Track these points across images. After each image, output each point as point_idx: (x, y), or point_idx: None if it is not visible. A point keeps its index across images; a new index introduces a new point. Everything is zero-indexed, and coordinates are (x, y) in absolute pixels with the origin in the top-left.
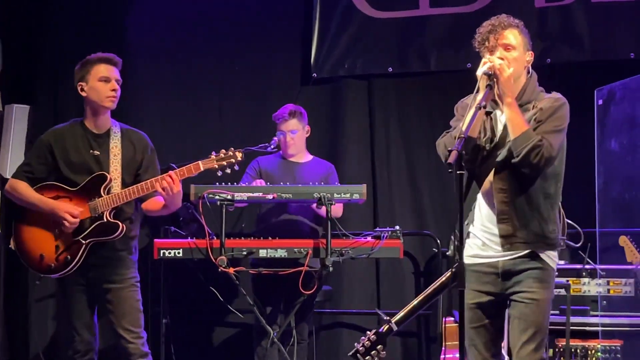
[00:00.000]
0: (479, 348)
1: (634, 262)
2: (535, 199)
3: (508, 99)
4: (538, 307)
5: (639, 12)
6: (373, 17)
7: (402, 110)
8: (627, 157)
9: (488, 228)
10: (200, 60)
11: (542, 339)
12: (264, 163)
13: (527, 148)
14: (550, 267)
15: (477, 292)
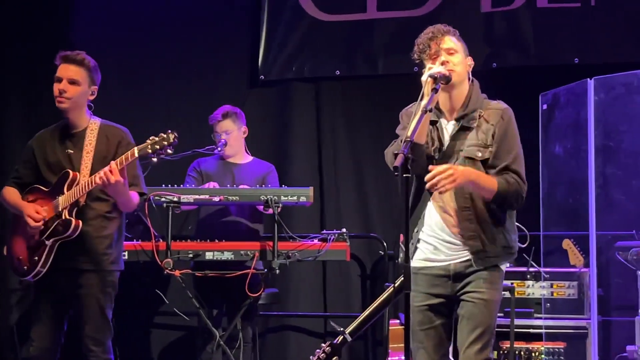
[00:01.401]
0: (428, 350)
1: (577, 265)
2: (497, 213)
3: (472, 179)
4: (486, 307)
5: (584, 17)
6: (321, 20)
7: (349, 113)
8: (571, 162)
9: (438, 235)
10: (147, 62)
11: (489, 339)
12: (203, 164)
13: (512, 205)
14: (500, 270)
15: (427, 295)
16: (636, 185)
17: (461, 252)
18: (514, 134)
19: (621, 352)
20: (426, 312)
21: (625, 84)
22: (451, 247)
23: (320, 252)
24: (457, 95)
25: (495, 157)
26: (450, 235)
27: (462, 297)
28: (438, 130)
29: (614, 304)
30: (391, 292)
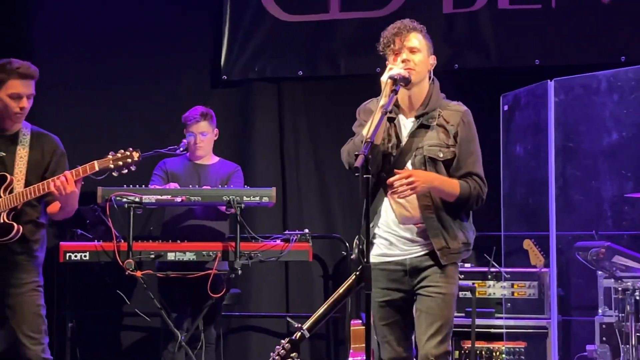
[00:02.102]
0: (392, 344)
1: (537, 265)
2: (456, 211)
3: (434, 186)
4: (444, 300)
5: (544, 18)
6: (283, 20)
7: (311, 113)
8: (531, 162)
9: (394, 231)
10: (109, 61)
11: (448, 332)
12: (170, 164)
13: (472, 207)
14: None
15: (386, 290)
16: (595, 186)
17: (416, 247)
18: (475, 136)
19: (581, 352)
20: (386, 307)
21: (585, 86)
22: (407, 243)
23: (283, 252)
24: (417, 93)
25: (459, 161)
26: (407, 231)
27: (419, 292)
28: (396, 127)
29: (574, 304)
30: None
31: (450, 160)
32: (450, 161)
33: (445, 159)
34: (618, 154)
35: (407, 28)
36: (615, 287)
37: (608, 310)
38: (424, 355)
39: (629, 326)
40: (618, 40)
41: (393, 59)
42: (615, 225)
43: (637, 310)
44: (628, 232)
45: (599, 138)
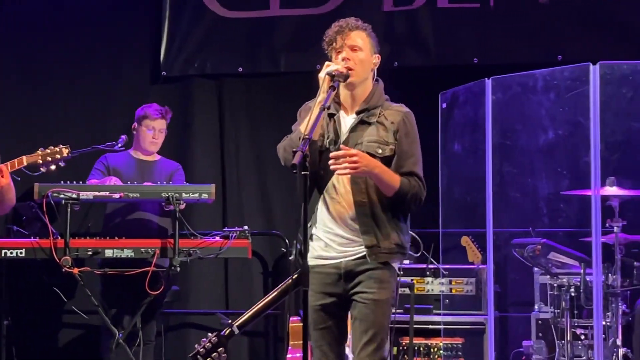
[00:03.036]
0: (324, 349)
1: (475, 262)
2: (393, 211)
3: (375, 173)
4: (378, 307)
5: (483, 17)
6: (223, 16)
7: (252, 110)
8: (469, 160)
9: (330, 229)
10: (47, 56)
11: (383, 339)
12: (112, 160)
13: (409, 206)
14: (392, 267)
15: (321, 294)
16: (532, 183)
17: (352, 249)
18: (416, 138)
19: (517, 348)
20: (320, 312)
21: (522, 84)
22: (342, 243)
23: (222, 249)
24: (360, 92)
25: (399, 161)
26: (343, 229)
27: (353, 297)
28: (335, 122)
29: (511, 300)
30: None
31: (388, 158)
32: (388, 159)
33: (384, 156)
34: (554, 152)
35: (350, 26)
36: (551, 283)
37: (544, 307)
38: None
39: (564, 322)
40: (555, 39)
41: (335, 57)
42: (551, 223)
43: (572, 307)
44: (563, 229)
45: (535, 136)
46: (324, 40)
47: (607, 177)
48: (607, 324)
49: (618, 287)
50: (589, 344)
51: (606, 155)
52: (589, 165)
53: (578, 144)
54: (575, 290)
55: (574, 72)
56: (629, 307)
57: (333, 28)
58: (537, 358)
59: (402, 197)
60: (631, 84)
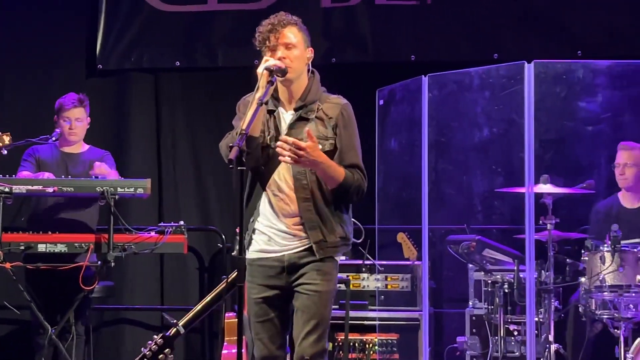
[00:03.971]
0: (265, 342)
1: (410, 258)
2: (336, 204)
3: (320, 167)
4: (320, 299)
5: (420, 15)
6: (161, 10)
7: (189, 105)
8: (405, 157)
9: (274, 224)
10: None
11: (325, 330)
12: (40, 152)
13: (352, 198)
14: (335, 260)
15: (263, 287)
16: (467, 181)
17: (295, 242)
18: (355, 130)
19: (452, 343)
20: (262, 304)
21: (458, 82)
22: (286, 237)
23: (157, 244)
24: (296, 87)
25: (340, 153)
26: (286, 224)
27: (296, 289)
28: (276, 119)
29: (446, 296)
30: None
31: (329, 153)
32: (329, 153)
33: (324, 151)
34: (489, 150)
35: (281, 23)
36: (485, 279)
37: (478, 303)
38: (299, 353)
39: (497, 318)
40: (491, 37)
41: (270, 55)
42: (486, 220)
43: (506, 303)
44: (497, 226)
45: (470, 134)
46: (256, 38)
47: (541, 174)
48: (539, 320)
49: (551, 284)
50: (521, 340)
51: (540, 153)
52: (523, 163)
53: (512, 141)
54: (508, 287)
55: (509, 71)
56: (561, 303)
57: (265, 26)
58: (470, 354)
59: (346, 190)
60: (565, 82)
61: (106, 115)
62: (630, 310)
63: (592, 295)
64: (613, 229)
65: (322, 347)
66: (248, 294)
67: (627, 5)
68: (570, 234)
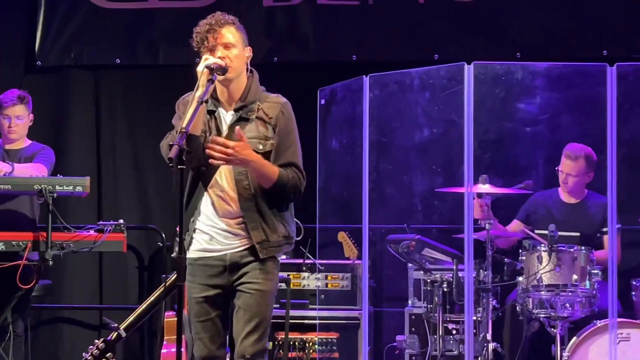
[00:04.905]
0: (205, 341)
1: (351, 257)
2: (277, 203)
3: (251, 165)
4: (262, 298)
5: (362, 15)
6: (101, 7)
7: (129, 102)
8: (346, 156)
9: (215, 224)
10: None
11: (266, 329)
12: None
13: (289, 196)
14: (276, 260)
15: (204, 286)
16: (407, 180)
17: (237, 242)
18: (294, 128)
19: (391, 342)
20: (203, 303)
21: (399, 82)
22: (227, 236)
23: (96, 243)
24: (236, 87)
25: (277, 152)
26: (228, 224)
27: (238, 288)
28: (216, 119)
29: (386, 295)
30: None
31: (269, 153)
32: (269, 154)
33: (265, 151)
34: (429, 150)
35: (219, 23)
36: (425, 279)
37: (417, 302)
38: (240, 353)
39: (436, 317)
40: (432, 38)
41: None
42: (425, 219)
43: (445, 302)
44: (437, 226)
45: (411, 134)
46: (193, 38)
47: (480, 175)
48: (478, 319)
49: (489, 283)
50: (460, 339)
51: (479, 153)
52: (462, 163)
53: (452, 142)
54: (447, 286)
55: (449, 71)
56: (499, 302)
57: (202, 26)
58: (409, 352)
59: (281, 188)
60: (504, 84)
61: (45, 112)
62: (567, 309)
63: (530, 295)
64: (550, 229)
65: (262, 347)
66: (189, 293)
67: (566, 8)
68: (509, 233)
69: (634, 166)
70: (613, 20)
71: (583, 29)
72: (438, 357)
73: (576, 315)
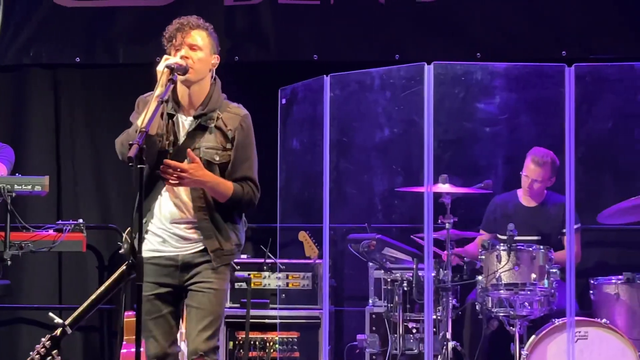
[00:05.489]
0: (158, 338)
1: (312, 257)
2: (229, 212)
3: (207, 186)
4: (215, 296)
5: (323, 14)
6: (61, 5)
7: (89, 101)
8: (307, 156)
9: (168, 228)
10: None
11: (218, 327)
12: None
13: (243, 209)
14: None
15: (155, 284)
16: (367, 180)
17: (190, 245)
18: (252, 141)
19: (352, 341)
20: (154, 301)
21: (359, 82)
22: (180, 240)
23: (55, 242)
24: (197, 92)
25: (234, 165)
26: (181, 229)
27: (190, 288)
28: (175, 124)
29: (346, 295)
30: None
31: (226, 164)
32: (226, 164)
33: (221, 162)
34: (389, 150)
35: (190, 25)
36: (385, 278)
37: (378, 301)
38: (192, 350)
39: (397, 316)
40: (393, 38)
41: (173, 55)
42: (386, 218)
43: (405, 301)
44: (397, 225)
45: (371, 134)
46: (163, 36)
47: (440, 174)
48: (437, 317)
49: (449, 282)
50: (420, 337)
51: (439, 153)
52: (422, 163)
53: (412, 142)
54: (407, 285)
55: (409, 72)
56: (459, 301)
57: (174, 25)
58: (370, 351)
59: (236, 203)
60: (463, 84)
61: (4, 111)
62: (526, 308)
63: (489, 294)
64: (509, 228)
65: (215, 344)
66: None
67: (525, 10)
68: (468, 232)
69: (591, 166)
70: (571, 22)
71: (542, 30)
72: (398, 355)
73: (535, 314)
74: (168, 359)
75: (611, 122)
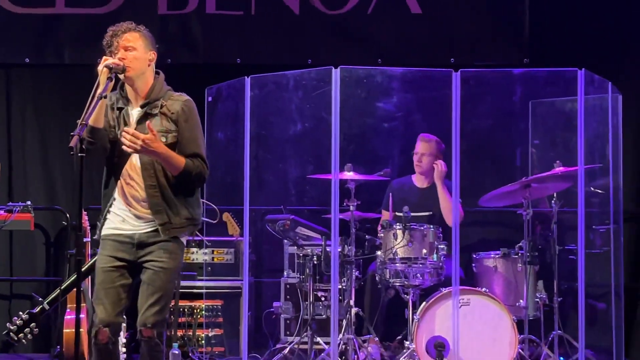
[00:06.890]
0: (106, 306)
1: (234, 235)
2: (182, 190)
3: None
4: (165, 274)
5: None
6: (12, 11)
7: (39, 97)
8: (230, 147)
9: (126, 209)
10: None
11: (167, 303)
12: None
13: (194, 183)
14: (181, 242)
15: (112, 258)
16: (283, 168)
17: (145, 224)
18: (197, 123)
19: (269, 308)
20: (109, 272)
21: (276, 83)
22: (136, 219)
23: (6, 222)
24: (141, 85)
25: (182, 144)
26: (137, 209)
27: (144, 265)
28: (124, 116)
29: (264, 268)
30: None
31: (173, 145)
32: (173, 145)
33: (169, 143)
34: (301, 142)
35: (122, 29)
36: (298, 253)
37: (292, 273)
38: (142, 321)
39: (307, 286)
40: (306, 44)
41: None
42: (298, 201)
43: (315, 273)
44: (308, 207)
45: (286, 128)
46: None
47: (345, 163)
48: (343, 287)
49: (352, 257)
50: (327, 304)
51: (344, 145)
52: (330, 154)
53: (321, 135)
54: (317, 259)
55: (319, 74)
56: (361, 273)
57: (109, 32)
58: (285, 317)
59: (187, 176)
60: (366, 86)
61: None
62: (418, 279)
63: (387, 266)
64: (404, 210)
65: (163, 317)
66: (97, 264)
67: (422, 21)
68: (369, 214)
69: (474, 157)
70: (460, 33)
71: (435, 40)
72: (309, 320)
73: (425, 283)
74: (113, 326)
75: (491, 119)
